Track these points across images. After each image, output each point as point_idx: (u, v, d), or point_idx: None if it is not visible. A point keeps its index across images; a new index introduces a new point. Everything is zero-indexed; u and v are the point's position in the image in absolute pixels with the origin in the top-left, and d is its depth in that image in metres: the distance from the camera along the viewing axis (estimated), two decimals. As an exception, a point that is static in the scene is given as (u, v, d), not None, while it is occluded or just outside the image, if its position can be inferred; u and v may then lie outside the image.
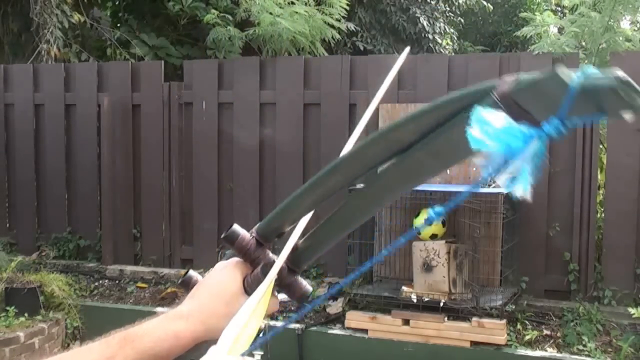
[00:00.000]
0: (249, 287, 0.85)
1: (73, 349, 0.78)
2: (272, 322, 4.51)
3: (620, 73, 0.58)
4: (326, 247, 0.90)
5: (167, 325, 0.80)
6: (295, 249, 0.87)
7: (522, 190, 0.61)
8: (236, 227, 0.87)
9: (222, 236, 0.87)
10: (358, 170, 0.81)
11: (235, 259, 0.88)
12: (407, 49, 1.07)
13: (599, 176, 4.82)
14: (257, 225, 0.89)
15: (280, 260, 0.85)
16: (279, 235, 0.89)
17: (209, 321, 0.82)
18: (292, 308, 4.81)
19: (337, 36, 6.25)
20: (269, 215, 0.88)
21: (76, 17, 7.08)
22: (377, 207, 0.83)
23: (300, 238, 0.89)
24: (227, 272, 0.86)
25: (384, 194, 0.83)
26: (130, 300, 5.17)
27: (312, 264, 5.12)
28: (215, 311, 0.82)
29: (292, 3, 5.89)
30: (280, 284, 0.86)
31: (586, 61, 5.18)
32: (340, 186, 0.84)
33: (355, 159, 0.80)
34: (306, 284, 0.89)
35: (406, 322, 4.25)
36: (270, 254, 0.88)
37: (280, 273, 0.85)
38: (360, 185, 0.82)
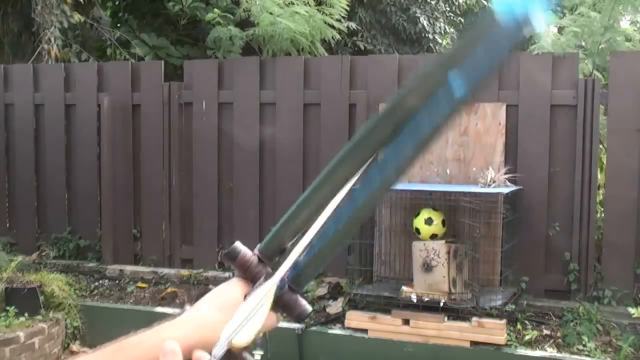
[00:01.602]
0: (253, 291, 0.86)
1: None
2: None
3: None
4: (325, 262, 0.90)
5: (159, 333, 0.80)
6: (295, 265, 0.87)
7: (540, 23, 0.60)
8: (238, 244, 0.87)
9: (224, 253, 0.87)
10: (348, 174, 0.82)
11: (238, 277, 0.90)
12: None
13: (599, 176, 4.82)
14: (259, 244, 0.90)
15: (283, 268, 0.85)
16: (281, 252, 0.89)
17: (202, 330, 0.82)
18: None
19: (338, 36, 6.25)
20: (269, 234, 0.89)
21: (76, 17, 7.08)
22: (370, 211, 0.82)
23: (301, 254, 0.88)
24: (228, 286, 0.88)
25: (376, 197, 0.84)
26: (130, 300, 5.17)
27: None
28: (211, 321, 0.82)
29: (292, 3, 5.89)
30: (280, 302, 0.86)
31: (586, 61, 5.18)
32: (333, 194, 0.84)
33: (341, 164, 0.82)
34: (305, 304, 0.88)
35: (406, 322, 4.25)
36: (271, 270, 0.88)
37: (281, 291, 0.86)
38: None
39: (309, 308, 0.88)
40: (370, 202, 0.84)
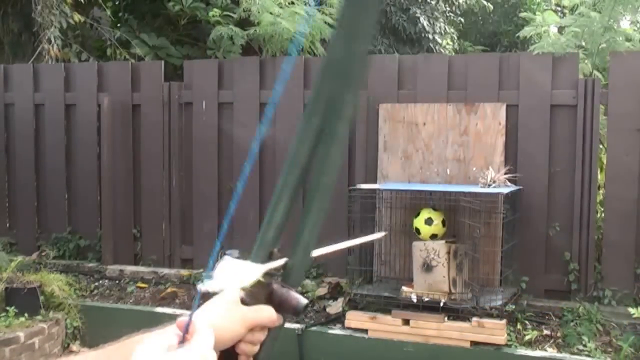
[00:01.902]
0: (246, 298, 0.87)
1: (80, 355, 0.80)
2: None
3: None
4: (308, 253, 0.91)
5: (160, 331, 0.81)
6: (284, 267, 0.89)
7: None
8: (228, 257, 0.89)
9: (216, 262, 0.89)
10: (307, 157, 0.88)
11: None
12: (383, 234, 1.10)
13: (599, 176, 4.82)
14: (250, 256, 0.92)
15: (272, 264, 0.88)
16: (269, 257, 0.91)
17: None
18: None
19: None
20: (256, 242, 0.91)
21: (76, 17, 7.08)
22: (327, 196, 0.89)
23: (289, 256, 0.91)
24: (229, 289, 0.89)
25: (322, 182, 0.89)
26: (130, 300, 5.17)
27: (312, 264, 5.11)
28: (210, 319, 0.83)
29: (292, 3, 5.89)
30: (275, 299, 0.88)
31: (586, 61, 5.18)
32: (298, 183, 0.89)
33: (299, 149, 0.88)
34: (299, 297, 0.89)
35: (406, 322, 4.25)
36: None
37: (272, 287, 0.88)
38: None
39: (303, 300, 0.88)
40: (330, 176, 0.88)
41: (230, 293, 0.87)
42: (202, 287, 0.82)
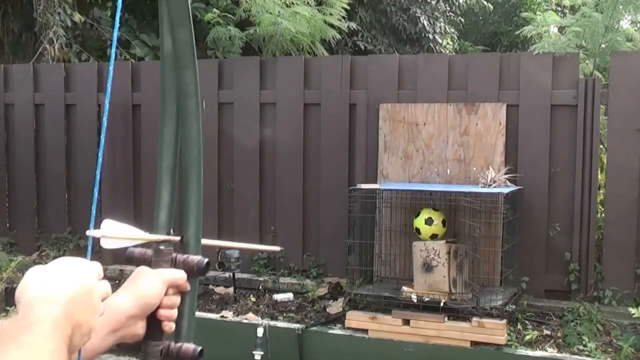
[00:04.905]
0: (154, 268, 1.02)
1: None
2: (272, 323, 4.51)
3: None
4: (200, 222, 1.06)
5: None
6: (181, 241, 1.05)
7: None
8: (130, 249, 1.04)
9: (125, 257, 1.04)
10: (173, 145, 1.05)
11: None
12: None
13: (599, 176, 4.82)
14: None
15: (161, 236, 1.02)
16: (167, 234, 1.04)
17: (122, 291, 0.98)
18: (293, 308, 4.80)
19: (338, 36, 6.24)
20: (155, 227, 1.06)
21: (76, 17, 7.07)
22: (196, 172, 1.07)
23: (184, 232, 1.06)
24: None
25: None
26: (131, 300, 5.16)
27: (312, 264, 5.12)
28: (135, 288, 0.99)
29: (293, 3, 5.89)
30: (179, 264, 1.01)
31: (587, 61, 5.18)
32: (173, 164, 1.04)
33: (164, 128, 1.05)
34: (200, 258, 1.01)
35: (406, 322, 4.25)
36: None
37: (173, 255, 1.01)
38: None
39: (204, 260, 1.01)
40: (195, 148, 1.03)
41: (141, 267, 1.02)
42: (91, 232, 0.93)
